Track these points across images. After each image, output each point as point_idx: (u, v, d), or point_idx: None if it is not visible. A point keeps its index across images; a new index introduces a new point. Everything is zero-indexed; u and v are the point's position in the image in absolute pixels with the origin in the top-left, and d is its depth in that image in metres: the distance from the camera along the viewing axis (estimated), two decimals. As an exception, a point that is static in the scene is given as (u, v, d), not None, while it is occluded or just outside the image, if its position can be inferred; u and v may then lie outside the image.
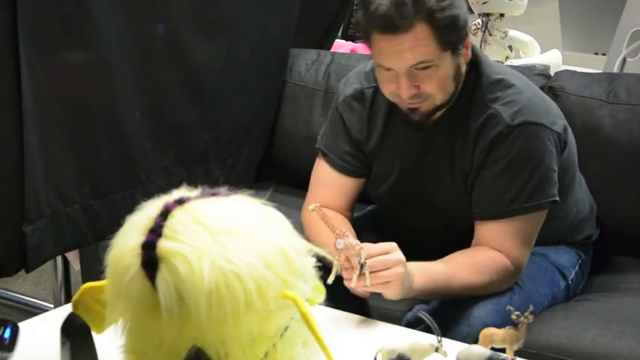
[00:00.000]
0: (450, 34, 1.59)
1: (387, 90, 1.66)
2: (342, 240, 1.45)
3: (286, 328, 0.99)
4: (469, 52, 1.67)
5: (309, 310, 0.97)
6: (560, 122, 1.72)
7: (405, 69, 1.59)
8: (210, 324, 0.92)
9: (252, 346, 0.96)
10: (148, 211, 0.99)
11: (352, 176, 1.84)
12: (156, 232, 0.95)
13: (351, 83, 1.85)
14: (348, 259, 1.46)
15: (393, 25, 1.56)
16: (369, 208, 2.09)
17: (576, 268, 1.88)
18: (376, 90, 1.77)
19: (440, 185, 1.76)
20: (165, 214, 0.97)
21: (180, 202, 0.99)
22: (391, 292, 1.49)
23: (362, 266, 1.45)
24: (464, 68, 1.67)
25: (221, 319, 0.92)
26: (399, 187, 1.81)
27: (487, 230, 1.68)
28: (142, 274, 0.94)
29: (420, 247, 1.64)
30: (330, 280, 1.43)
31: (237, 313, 0.92)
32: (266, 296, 0.94)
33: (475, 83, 1.70)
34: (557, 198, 1.70)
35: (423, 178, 1.77)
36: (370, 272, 1.46)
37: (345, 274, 1.47)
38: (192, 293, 0.91)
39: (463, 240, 1.69)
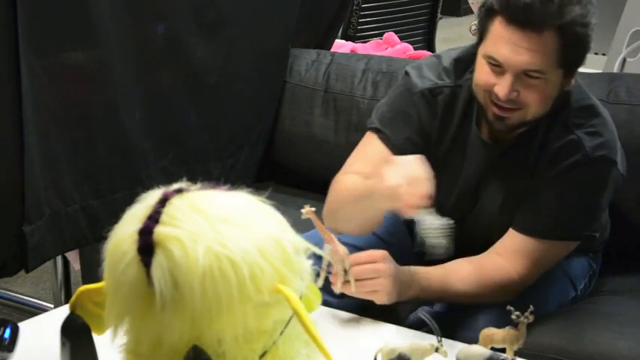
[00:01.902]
0: (573, 53, 1.52)
1: (484, 81, 1.56)
2: (328, 245, 1.45)
3: (287, 324, 0.99)
4: (573, 82, 1.60)
5: (301, 306, 0.96)
6: (623, 163, 1.67)
7: (516, 70, 1.50)
8: (204, 311, 0.92)
9: (250, 340, 0.96)
10: (147, 200, 0.99)
11: None
12: (153, 218, 0.95)
13: (428, 75, 1.71)
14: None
15: (527, 19, 1.46)
16: None
17: (586, 279, 1.85)
18: (455, 89, 1.68)
19: (492, 200, 1.69)
20: (163, 201, 0.97)
21: (180, 191, 0.99)
22: (379, 300, 1.51)
23: (346, 272, 1.46)
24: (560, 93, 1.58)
25: (215, 306, 0.92)
26: (462, 199, 1.71)
27: (516, 240, 1.63)
28: (137, 259, 0.93)
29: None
30: (319, 283, 1.44)
31: (231, 300, 0.92)
32: (260, 286, 0.94)
33: (561, 105, 1.61)
34: (597, 234, 1.69)
35: (481, 194, 1.70)
36: (356, 280, 1.47)
37: (331, 279, 1.49)
38: (187, 278, 0.91)
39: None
